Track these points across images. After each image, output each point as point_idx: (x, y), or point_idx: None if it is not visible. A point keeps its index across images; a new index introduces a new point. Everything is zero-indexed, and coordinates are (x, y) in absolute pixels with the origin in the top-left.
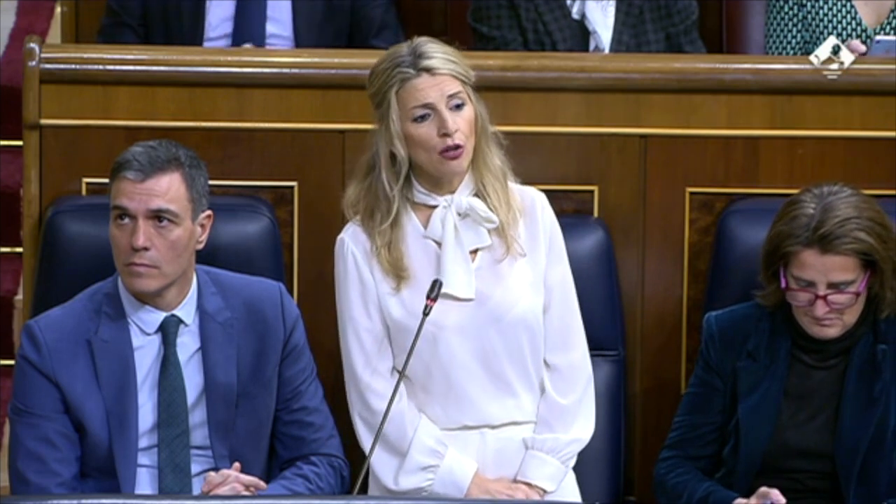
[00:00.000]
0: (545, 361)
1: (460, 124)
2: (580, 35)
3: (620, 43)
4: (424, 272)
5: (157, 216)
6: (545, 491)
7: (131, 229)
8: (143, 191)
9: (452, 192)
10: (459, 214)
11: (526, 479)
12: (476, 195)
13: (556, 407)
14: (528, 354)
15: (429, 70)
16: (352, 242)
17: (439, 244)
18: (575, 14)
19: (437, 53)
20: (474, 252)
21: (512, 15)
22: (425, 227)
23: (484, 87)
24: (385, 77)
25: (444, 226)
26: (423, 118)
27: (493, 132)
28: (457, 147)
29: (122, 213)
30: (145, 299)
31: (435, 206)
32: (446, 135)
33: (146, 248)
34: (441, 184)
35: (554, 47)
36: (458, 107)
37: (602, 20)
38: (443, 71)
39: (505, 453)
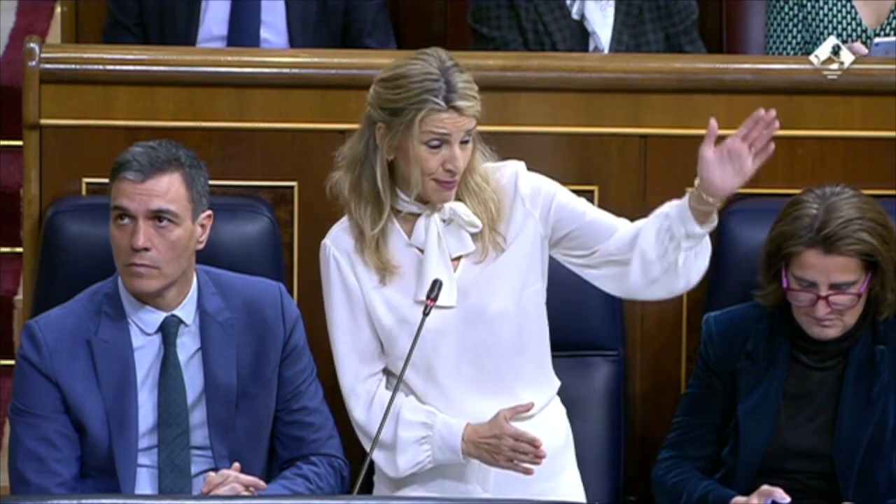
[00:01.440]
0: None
1: (464, 160)
2: (580, 35)
3: (620, 43)
4: (410, 279)
5: (158, 216)
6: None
7: (131, 230)
8: (143, 191)
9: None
10: (444, 221)
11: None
12: (458, 198)
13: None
14: (517, 348)
15: (458, 110)
16: (334, 247)
17: (423, 252)
18: (574, 14)
19: (468, 91)
20: (457, 259)
21: (512, 15)
22: (409, 235)
23: (484, 87)
24: (413, 96)
25: (428, 233)
26: (434, 145)
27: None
28: (454, 181)
29: (122, 214)
30: (145, 299)
31: (418, 214)
32: (449, 171)
33: (146, 249)
34: None
35: (554, 48)
36: (465, 141)
37: (601, 20)
38: (469, 113)
39: None
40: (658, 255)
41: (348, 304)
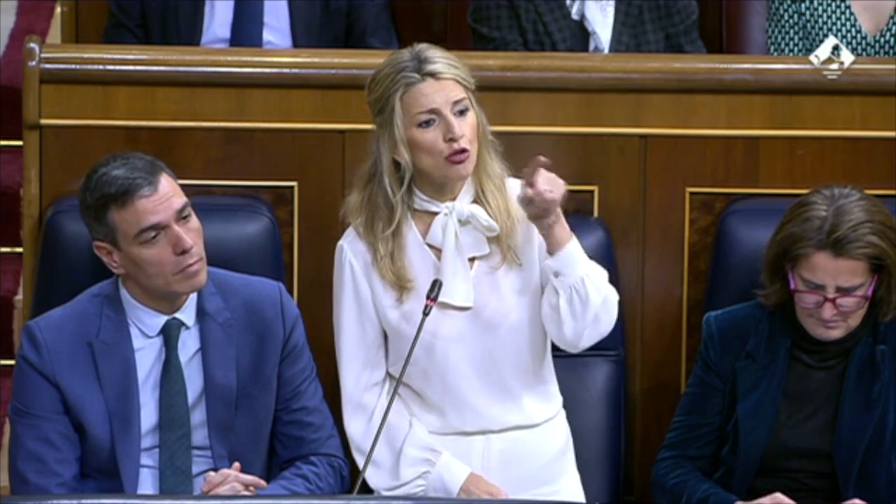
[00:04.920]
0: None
1: (465, 129)
2: (580, 35)
3: (620, 43)
4: (424, 280)
5: (182, 214)
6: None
7: (168, 239)
8: (162, 199)
9: (454, 198)
10: (460, 222)
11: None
12: (476, 202)
13: None
14: (529, 359)
15: (433, 75)
16: (350, 252)
17: (438, 252)
18: (574, 14)
19: (440, 59)
20: (471, 260)
21: (512, 15)
22: (425, 235)
23: (484, 87)
24: (388, 82)
25: (445, 233)
26: (428, 123)
27: (492, 139)
28: (463, 151)
29: (154, 233)
30: (148, 302)
31: (435, 213)
32: (452, 140)
33: (192, 247)
34: (443, 190)
35: (554, 48)
36: (462, 112)
37: (601, 20)
38: (447, 76)
39: (510, 454)
40: (550, 304)
41: (357, 311)
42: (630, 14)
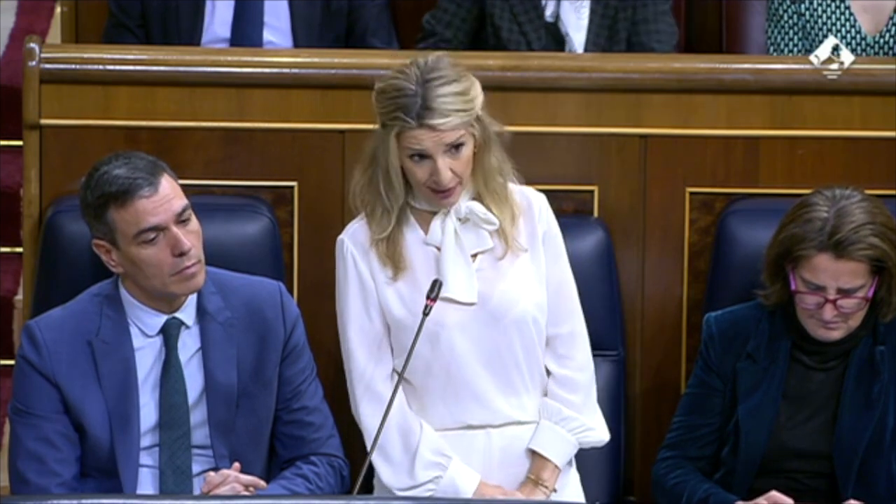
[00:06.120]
0: (546, 369)
1: (455, 167)
2: (556, 37)
3: (596, 46)
4: (425, 275)
5: (182, 216)
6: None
7: (166, 241)
8: (162, 200)
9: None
10: (459, 219)
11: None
12: (475, 198)
13: (561, 401)
14: (533, 350)
15: (432, 127)
16: (351, 243)
17: (440, 249)
18: (549, 17)
19: (446, 105)
20: (474, 255)
21: (466, 18)
22: (426, 233)
23: (484, 88)
24: (388, 111)
25: (445, 231)
26: (420, 157)
27: (497, 132)
28: (448, 190)
29: (153, 234)
30: (148, 302)
31: (435, 212)
32: (436, 182)
33: (191, 249)
34: None
35: (529, 49)
36: (457, 147)
37: (576, 22)
38: (444, 128)
39: (510, 451)
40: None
41: (363, 298)
42: (606, 16)
